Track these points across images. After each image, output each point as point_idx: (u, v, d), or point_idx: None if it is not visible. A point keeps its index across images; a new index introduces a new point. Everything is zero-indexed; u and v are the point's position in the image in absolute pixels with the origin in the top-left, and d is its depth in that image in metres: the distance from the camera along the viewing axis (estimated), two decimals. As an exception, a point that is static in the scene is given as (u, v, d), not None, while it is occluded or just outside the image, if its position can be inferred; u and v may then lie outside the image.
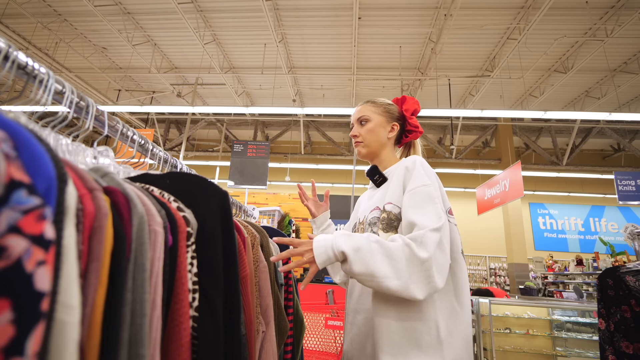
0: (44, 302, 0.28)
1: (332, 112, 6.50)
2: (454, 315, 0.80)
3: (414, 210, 0.81)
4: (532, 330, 3.61)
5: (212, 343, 0.53)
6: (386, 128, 1.06)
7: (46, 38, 6.66)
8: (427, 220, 0.78)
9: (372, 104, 1.08)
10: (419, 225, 0.78)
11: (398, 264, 0.73)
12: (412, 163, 0.91)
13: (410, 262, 0.73)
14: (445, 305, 0.80)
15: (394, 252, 0.74)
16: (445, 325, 0.78)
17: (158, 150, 0.95)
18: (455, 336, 0.78)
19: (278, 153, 10.35)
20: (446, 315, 0.79)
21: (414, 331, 0.77)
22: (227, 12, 5.93)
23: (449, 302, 0.81)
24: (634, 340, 1.19)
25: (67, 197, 0.34)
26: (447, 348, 0.76)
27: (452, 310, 0.80)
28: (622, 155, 10.14)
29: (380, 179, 1.01)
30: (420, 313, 0.78)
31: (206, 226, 0.60)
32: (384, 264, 0.73)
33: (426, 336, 0.76)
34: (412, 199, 0.84)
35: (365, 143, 1.05)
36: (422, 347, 0.76)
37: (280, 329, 1.00)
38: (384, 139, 1.05)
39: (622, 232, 1.56)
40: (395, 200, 0.89)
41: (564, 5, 5.28)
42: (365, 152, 1.06)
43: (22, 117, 0.43)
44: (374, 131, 1.04)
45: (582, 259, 7.27)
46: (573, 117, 6.56)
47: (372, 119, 1.05)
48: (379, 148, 1.05)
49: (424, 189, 0.84)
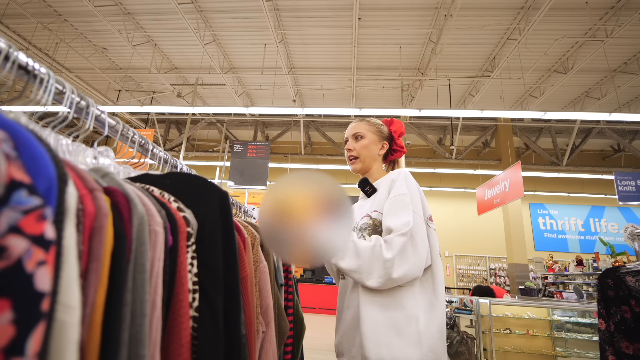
0: (44, 302, 0.28)
1: (332, 112, 6.50)
2: (431, 309, 0.90)
3: (390, 216, 0.94)
4: (532, 330, 3.61)
5: (212, 343, 0.53)
6: (377, 146, 1.17)
7: (46, 38, 6.67)
8: (398, 226, 0.90)
9: (367, 123, 1.19)
10: (393, 229, 0.91)
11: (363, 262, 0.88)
12: (397, 175, 1.03)
13: (375, 260, 0.87)
14: (425, 301, 0.91)
15: (363, 252, 0.89)
16: (424, 318, 0.88)
17: (158, 150, 0.95)
18: (431, 327, 0.88)
19: (278, 153, 10.35)
20: (425, 309, 0.89)
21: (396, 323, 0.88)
22: (227, 13, 5.93)
23: (429, 297, 0.92)
24: (634, 341, 1.19)
25: (67, 197, 0.34)
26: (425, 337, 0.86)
27: (431, 304, 0.91)
28: (622, 156, 10.14)
29: (371, 190, 1.11)
30: (402, 307, 0.89)
31: (206, 226, 0.60)
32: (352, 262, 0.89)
33: (407, 327, 0.87)
34: (390, 206, 0.96)
35: (360, 158, 1.15)
36: (403, 336, 0.86)
37: (280, 329, 1.00)
38: (375, 155, 1.17)
39: (622, 233, 1.56)
40: (380, 209, 1.01)
41: (564, 6, 5.29)
42: (359, 167, 1.17)
43: (23, 118, 0.43)
44: (367, 147, 1.15)
45: (582, 260, 7.27)
46: (573, 117, 6.57)
47: (366, 136, 1.16)
48: (371, 163, 1.16)
49: (401, 197, 0.96)
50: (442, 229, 10.31)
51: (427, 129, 10.01)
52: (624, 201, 6.84)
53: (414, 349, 0.85)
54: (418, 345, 0.85)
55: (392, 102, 8.62)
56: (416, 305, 0.89)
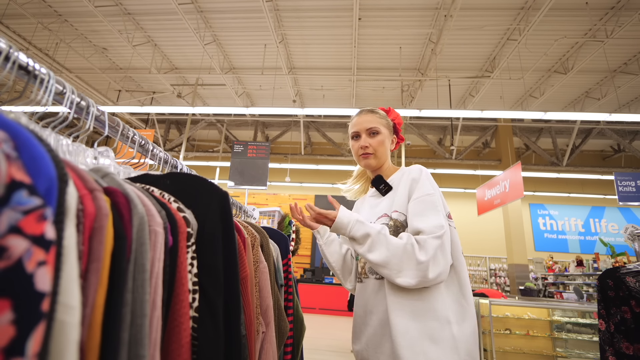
0: (45, 302, 0.28)
1: (332, 112, 6.50)
2: (461, 310, 0.87)
3: (418, 217, 0.90)
4: (532, 331, 3.60)
5: (212, 343, 0.53)
6: (390, 140, 1.13)
7: (47, 38, 6.67)
8: (430, 227, 0.86)
9: (378, 116, 1.11)
10: (424, 231, 0.87)
11: (395, 259, 0.85)
12: (418, 173, 0.98)
13: (407, 260, 0.84)
14: (454, 302, 0.87)
15: (396, 249, 0.86)
16: (456, 321, 0.84)
17: (158, 150, 0.95)
18: (465, 330, 0.84)
19: (278, 154, 10.35)
20: (456, 311, 0.86)
21: (429, 328, 0.84)
22: (228, 13, 5.94)
23: (457, 299, 0.88)
24: (634, 341, 1.19)
25: (67, 197, 0.34)
26: (461, 341, 0.82)
27: (460, 306, 0.87)
28: (622, 156, 10.14)
29: (386, 188, 1.06)
30: (434, 311, 0.85)
31: (206, 227, 0.60)
32: (382, 255, 0.86)
33: (441, 332, 0.83)
34: (417, 207, 0.92)
35: (377, 155, 1.08)
36: (438, 342, 0.82)
37: (280, 330, 1.00)
38: (388, 150, 1.12)
39: (622, 233, 1.56)
40: (401, 209, 0.96)
41: (564, 6, 5.29)
42: (375, 164, 1.10)
43: (23, 118, 0.43)
44: (384, 144, 1.09)
45: (582, 260, 7.26)
46: (573, 117, 6.57)
47: (381, 131, 1.09)
48: (385, 159, 1.11)
49: (428, 198, 0.92)
50: (442, 230, 10.28)
51: (427, 130, 10.01)
52: (624, 202, 6.83)
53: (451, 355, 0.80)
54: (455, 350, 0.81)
55: (392, 103, 8.62)
56: (445, 307, 0.85)
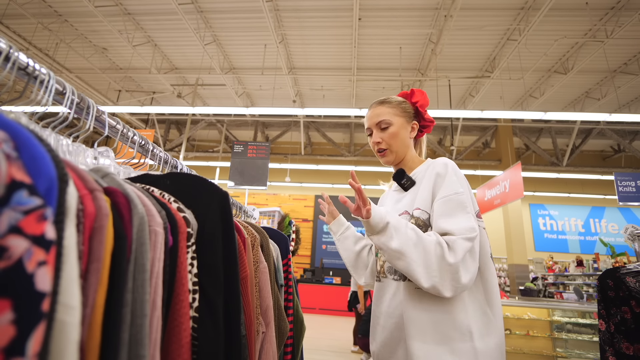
0: (45, 302, 0.28)
1: (333, 112, 6.50)
2: (486, 321, 0.79)
3: (446, 218, 0.81)
4: (533, 331, 3.60)
5: (212, 343, 0.53)
6: (407, 129, 1.00)
7: (47, 39, 6.67)
8: (460, 229, 0.78)
9: (389, 105, 1.01)
10: (452, 232, 0.78)
11: (428, 256, 0.76)
12: (444, 168, 0.88)
13: (440, 261, 0.75)
14: (477, 311, 0.79)
15: (428, 244, 0.77)
16: (479, 332, 0.76)
17: (158, 150, 0.95)
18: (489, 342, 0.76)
19: (278, 154, 10.35)
20: (479, 321, 0.78)
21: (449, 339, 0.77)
22: (228, 13, 5.94)
23: (481, 307, 0.80)
24: (635, 342, 1.19)
25: (67, 197, 0.34)
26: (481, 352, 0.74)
27: (485, 315, 0.79)
28: (622, 156, 10.14)
29: (408, 182, 0.96)
30: (453, 320, 0.77)
31: (206, 227, 0.60)
32: (416, 250, 0.76)
33: (461, 344, 0.75)
34: (444, 207, 0.83)
35: (392, 149, 0.99)
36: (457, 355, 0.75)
37: (280, 330, 1.00)
38: (407, 141, 1.00)
39: (623, 233, 1.56)
40: (424, 206, 0.88)
41: (564, 6, 5.29)
42: (392, 159, 1.01)
43: (23, 118, 0.44)
44: (397, 135, 0.98)
45: (582, 260, 7.26)
46: (573, 118, 6.56)
47: (393, 122, 0.98)
48: (405, 151, 1.00)
49: (456, 197, 0.83)
50: (442, 230, 10.29)
51: (427, 130, 10.00)
52: (624, 202, 6.83)
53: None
54: None
55: (392, 103, 8.61)
56: (467, 316, 0.77)
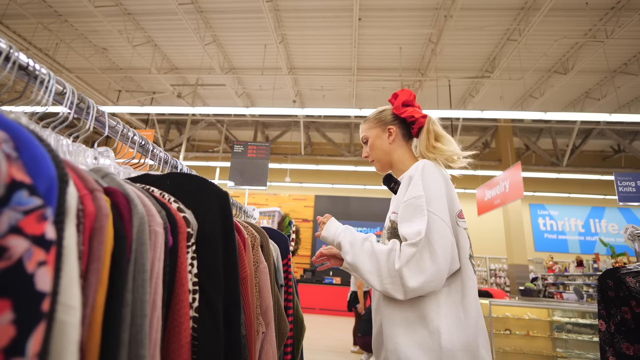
0: (45, 302, 0.28)
1: (332, 112, 6.51)
2: (457, 323, 0.82)
3: (403, 223, 0.87)
4: (533, 331, 3.60)
5: (212, 344, 0.53)
6: (383, 137, 1.08)
7: (47, 39, 6.67)
8: (409, 234, 0.83)
9: (366, 122, 1.13)
10: (405, 236, 0.84)
11: (380, 264, 0.83)
12: (414, 171, 0.93)
13: (391, 267, 0.82)
14: (451, 312, 0.82)
15: (380, 254, 0.84)
16: (448, 332, 0.80)
17: (158, 151, 0.95)
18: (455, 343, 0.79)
19: (278, 154, 10.35)
20: (450, 322, 0.81)
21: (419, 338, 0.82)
22: (228, 13, 5.94)
23: (455, 308, 0.83)
24: (635, 342, 1.19)
25: (68, 197, 0.34)
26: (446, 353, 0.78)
27: (457, 318, 0.82)
28: (622, 157, 10.14)
29: (396, 185, 1.04)
30: (423, 318, 0.82)
31: (206, 227, 0.60)
32: (370, 261, 0.85)
33: (429, 342, 0.80)
34: (404, 212, 0.88)
35: (375, 160, 1.10)
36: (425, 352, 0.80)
37: (280, 330, 1.00)
38: (386, 147, 1.08)
39: (623, 233, 1.56)
40: (398, 210, 0.93)
41: (564, 7, 5.29)
42: (379, 167, 1.12)
43: (23, 118, 0.44)
44: (374, 146, 1.09)
45: (582, 260, 7.26)
46: (573, 118, 6.57)
47: (369, 135, 1.11)
48: (387, 157, 1.08)
49: (414, 201, 0.87)
50: (442, 230, 10.29)
51: (427, 130, 10.00)
52: (624, 202, 6.82)
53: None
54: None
55: (392, 103, 8.61)
56: (440, 316, 0.81)
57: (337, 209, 10.78)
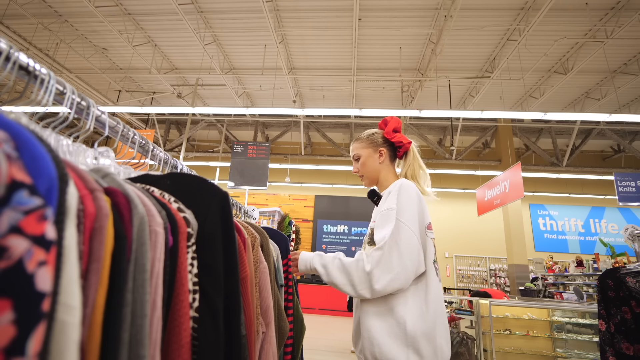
0: (45, 302, 0.28)
1: (332, 113, 6.51)
2: (420, 314, 0.98)
3: (377, 230, 1.03)
4: (533, 331, 3.60)
5: (212, 344, 0.53)
6: (374, 157, 1.23)
7: (47, 39, 6.67)
8: (378, 239, 1.00)
9: (359, 141, 1.27)
10: (376, 242, 1.00)
11: (350, 274, 0.99)
12: (394, 186, 1.08)
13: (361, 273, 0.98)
14: (416, 306, 0.99)
15: (349, 266, 1.01)
16: (412, 321, 0.96)
17: (158, 151, 0.95)
18: (417, 330, 0.96)
19: (278, 154, 10.35)
20: (414, 314, 0.97)
21: (388, 327, 0.98)
22: (228, 13, 5.94)
23: (420, 303, 0.99)
24: (635, 342, 1.19)
25: (68, 197, 0.34)
26: (410, 339, 0.95)
27: (420, 311, 0.98)
28: (622, 157, 10.14)
29: (378, 199, 1.18)
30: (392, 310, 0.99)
31: (206, 227, 0.60)
32: (341, 274, 1.01)
33: (396, 329, 0.97)
34: (378, 220, 1.05)
35: (365, 176, 1.24)
36: (392, 338, 0.97)
37: (280, 330, 1.00)
38: (376, 166, 1.22)
39: (622, 234, 1.56)
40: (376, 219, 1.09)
41: (564, 7, 5.29)
42: (367, 183, 1.26)
43: (24, 118, 0.44)
44: (365, 164, 1.23)
45: (582, 260, 7.26)
46: (573, 118, 6.57)
47: (361, 154, 1.24)
48: (376, 174, 1.23)
49: (387, 212, 1.03)
50: (442, 230, 10.31)
51: (427, 130, 10.01)
52: (624, 202, 6.83)
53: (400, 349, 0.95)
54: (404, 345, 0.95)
55: (392, 103, 8.62)
56: (406, 310, 0.97)
57: (337, 209, 10.77)
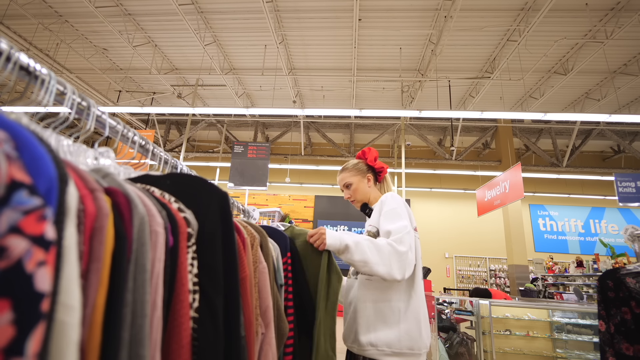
0: (44, 302, 0.28)
1: (333, 113, 6.51)
2: (409, 300, 1.14)
3: (388, 222, 1.17)
4: (532, 332, 3.60)
5: (212, 344, 0.53)
6: (364, 182, 1.41)
7: (47, 39, 6.67)
8: (398, 227, 1.13)
9: (348, 171, 1.43)
10: (395, 231, 1.13)
11: (384, 255, 1.08)
12: (385, 198, 1.29)
13: (393, 254, 1.08)
14: (405, 294, 1.15)
15: (382, 247, 1.09)
16: (404, 308, 1.13)
17: (158, 151, 0.95)
18: (408, 315, 1.12)
19: (278, 154, 10.35)
20: (405, 301, 1.14)
21: (382, 312, 1.13)
22: (228, 14, 5.94)
23: (408, 292, 1.16)
24: (635, 342, 1.19)
25: (68, 197, 0.34)
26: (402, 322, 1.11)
27: (409, 297, 1.15)
28: (622, 157, 10.14)
29: (369, 211, 1.37)
30: (389, 300, 1.14)
31: (206, 227, 0.60)
32: (374, 254, 1.08)
33: (391, 316, 1.12)
34: (386, 216, 1.20)
35: (357, 199, 1.42)
36: (387, 323, 1.12)
37: (280, 331, 1.00)
38: (366, 189, 1.41)
39: (622, 234, 1.56)
40: (374, 223, 1.27)
41: (564, 7, 5.29)
42: (358, 205, 1.45)
43: (24, 118, 0.44)
44: (357, 189, 1.41)
45: (582, 261, 7.26)
46: (573, 118, 6.57)
47: (352, 181, 1.41)
48: (366, 197, 1.41)
49: (393, 210, 1.21)
50: (442, 230, 10.30)
51: (427, 130, 10.01)
52: (624, 202, 6.83)
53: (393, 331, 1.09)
54: (397, 328, 1.10)
55: (392, 103, 8.62)
56: (399, 298, 1.13)
57: (337, 209, 10.77)
